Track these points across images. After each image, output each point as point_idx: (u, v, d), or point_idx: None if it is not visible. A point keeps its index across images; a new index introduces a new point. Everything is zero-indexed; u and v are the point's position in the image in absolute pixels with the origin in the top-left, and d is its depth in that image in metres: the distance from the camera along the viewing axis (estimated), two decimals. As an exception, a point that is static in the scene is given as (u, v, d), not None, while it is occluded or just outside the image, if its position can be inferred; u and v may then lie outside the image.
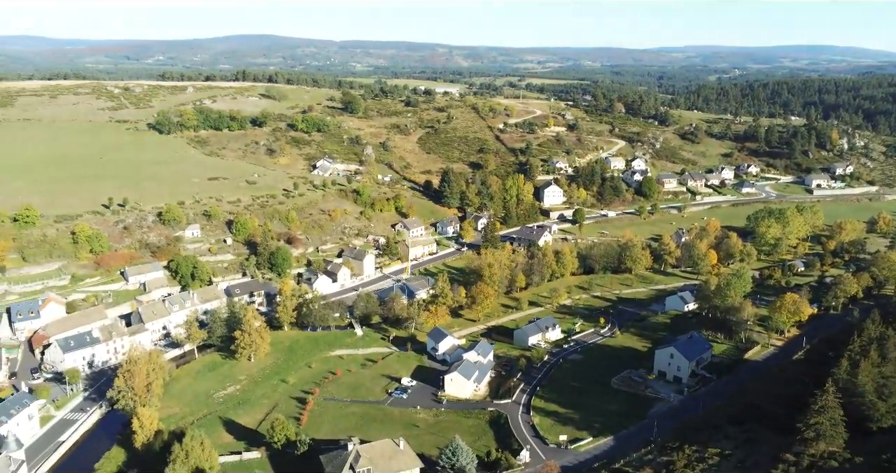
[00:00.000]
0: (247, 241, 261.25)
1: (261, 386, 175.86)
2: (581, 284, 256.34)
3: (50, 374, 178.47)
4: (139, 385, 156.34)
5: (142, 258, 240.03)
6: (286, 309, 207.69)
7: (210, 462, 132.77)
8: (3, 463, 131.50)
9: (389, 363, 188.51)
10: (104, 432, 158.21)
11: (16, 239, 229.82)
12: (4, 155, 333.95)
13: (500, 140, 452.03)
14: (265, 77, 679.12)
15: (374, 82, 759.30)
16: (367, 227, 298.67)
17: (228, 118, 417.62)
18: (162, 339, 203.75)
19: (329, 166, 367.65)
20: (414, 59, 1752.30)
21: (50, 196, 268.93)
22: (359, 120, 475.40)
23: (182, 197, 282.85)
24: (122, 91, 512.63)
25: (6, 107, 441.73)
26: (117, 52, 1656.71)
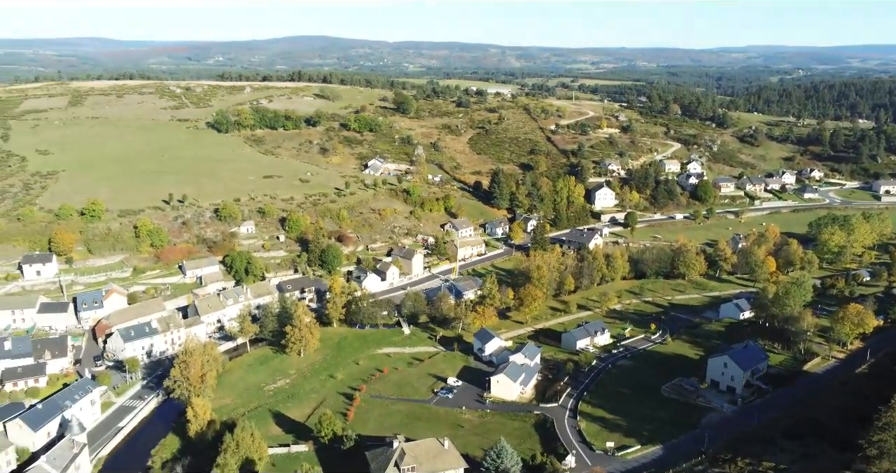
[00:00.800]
0: (299, 238, 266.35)
1: (309, 381, 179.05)
2: (632, 289, 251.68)
3: (111, 362, 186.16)
4: (194, 375, 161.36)
5: (199, 252, 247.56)
6: (336, 306, 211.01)
7: (259, 453, 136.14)
8: (66, 446, 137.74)
9: (436, 362, 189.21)
10: (160, 419, 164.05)
11: (83, 232, 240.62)
12: (75, 151, 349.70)
13: (551, 141, 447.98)
14: (320, 77, 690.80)
15: (426, 83, 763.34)
16: (416, 227, 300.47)
17: (283, 117, 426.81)
18: (216, 332, 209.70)
19: (380, 166, 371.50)
20: (466, 59, 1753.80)
21: (115, 191, 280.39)
22: (410, 120, 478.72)
23: (238, 194, 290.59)
24: (183, 91, 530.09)
25: (77, 106, 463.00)
26: (179, 53, 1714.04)
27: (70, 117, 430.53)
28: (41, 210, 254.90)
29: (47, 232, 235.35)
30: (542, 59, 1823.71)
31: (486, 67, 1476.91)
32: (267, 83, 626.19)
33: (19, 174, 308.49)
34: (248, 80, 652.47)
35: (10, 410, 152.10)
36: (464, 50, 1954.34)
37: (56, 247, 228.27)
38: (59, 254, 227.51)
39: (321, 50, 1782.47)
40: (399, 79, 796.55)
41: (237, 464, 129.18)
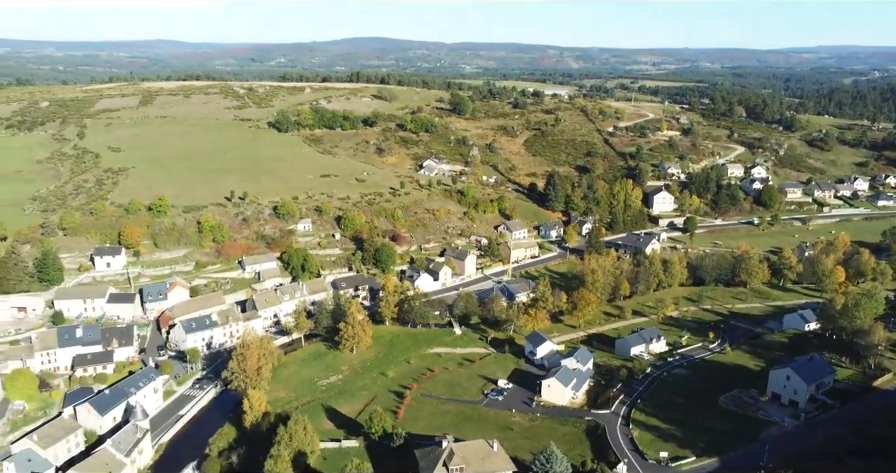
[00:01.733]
0: (354, 237, 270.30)
1: (361, 378, 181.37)
2: (690, 296, 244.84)
3: (173, 352, 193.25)
4: (251, 368, 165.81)
5: (257, 249, 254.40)
6: (388, 305, 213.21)
7: (311, 447, 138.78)
8: (130, 431, 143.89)
9: (487, 364, 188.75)
10: (218, 409, 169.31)
11: (150, 226, 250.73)
12: (144, 149, 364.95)
13: (608, 143, 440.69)
14: (377, 78, 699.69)
15: (482, 84, 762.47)
16: (469, 228, 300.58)
17: (342, 118, 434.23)
18: (272, 326, 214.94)
19: (435, 166, 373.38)
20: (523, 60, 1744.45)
21: (180, 188, 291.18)
22: (466, 121, 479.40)
23: (296, 192, 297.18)
24: (246, 91, 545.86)
25: (147, 106, 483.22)
26: (243, 55, 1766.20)
27: (140, 116, 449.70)
28: (112, 204, 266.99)
29: (117, 225, 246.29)
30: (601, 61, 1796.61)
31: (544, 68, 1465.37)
32: (326, 84, 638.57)
33: (93, 170, 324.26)
34: (309, 81, 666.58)
35: (80, 394, 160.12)
36: (521, 51, 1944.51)
37: (125, 241, 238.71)
38: (128, 247, 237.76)
39: (379, 51, 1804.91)
40: (455, 81, 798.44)
41: (290, 456, 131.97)
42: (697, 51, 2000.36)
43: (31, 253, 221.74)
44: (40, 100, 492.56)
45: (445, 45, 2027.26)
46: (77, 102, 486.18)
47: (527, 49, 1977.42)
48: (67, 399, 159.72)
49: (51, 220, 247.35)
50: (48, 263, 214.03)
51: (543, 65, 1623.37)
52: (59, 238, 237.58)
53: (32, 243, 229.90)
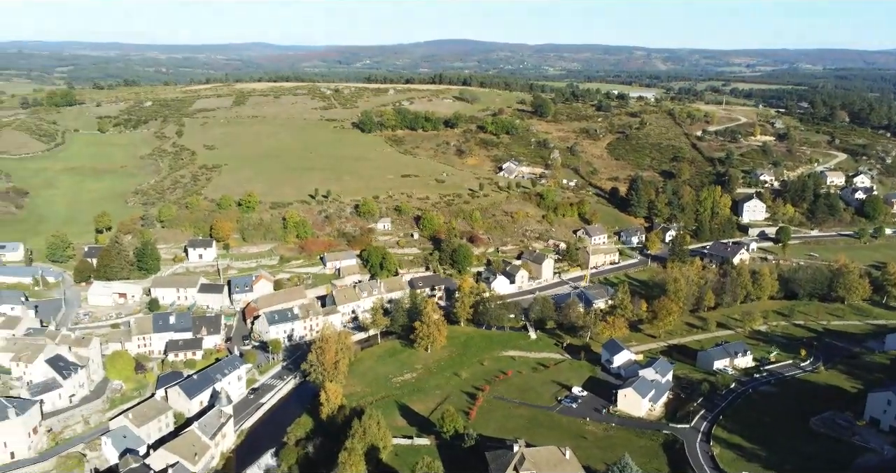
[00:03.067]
0: (432, 237, 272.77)
1: (435, 377, 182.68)
2: (780, 310, 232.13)
3: (257, 342, 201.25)
4: (328, 361, 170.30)
5: (338, 246, 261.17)
6: (464, 306, 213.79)
7: (384, 442, 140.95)
8: (215, 415, 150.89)
9: (561, 370, 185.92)
10: (296, 400, 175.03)
11: (239, 221, 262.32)
12: (236, 147, 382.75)
13: (696, 148, 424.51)
14: (460, 80, 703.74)
15: (565, 86, 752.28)
16: (548, 231, 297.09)
17: (423, 119, 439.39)
18: (350, 322, 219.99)
19: (515, 168, 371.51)
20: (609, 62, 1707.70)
21: (268, 185, 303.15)
22: (548, 123, 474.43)
23: (377, 191, 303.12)
24: (332, 92, 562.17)
25: (240, 106, 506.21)
26: (331, 57, 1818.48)
27: (233, 116, 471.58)
28: (205, 199, 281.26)
29: (209, 219, 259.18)
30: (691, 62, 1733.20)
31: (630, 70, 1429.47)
32: (409, 85, 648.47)
33: (189, 166, 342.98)
34: (392, 83, 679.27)
35: (171, 378, 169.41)
36: (606, 52, 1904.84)
37: (216, 234, 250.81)
38: (218, 240, 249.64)
39: (462, 53, 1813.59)
40: (538, 83, 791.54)
41: (363, 450, 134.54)
42: (797, 51, 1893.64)
43: (131, 243, 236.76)
44: (144, 100, 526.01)
45: (529, 47, 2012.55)
46: (177, 102, 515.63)
47: (613, 50, 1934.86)
48: (160, 381, 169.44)
49: (150, 213, 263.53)
50: (147, 253, 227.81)
51: (629, 66, 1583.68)
52: (157, 230, 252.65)
53: (133, 234, 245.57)
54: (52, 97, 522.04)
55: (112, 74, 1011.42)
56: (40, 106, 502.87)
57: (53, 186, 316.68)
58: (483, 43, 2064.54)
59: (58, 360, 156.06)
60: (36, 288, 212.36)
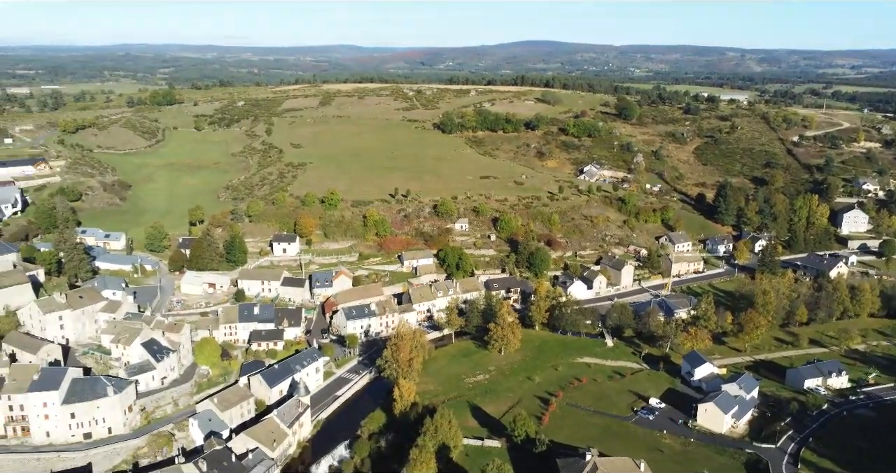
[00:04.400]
0: (509, 239, 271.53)
1: (508, 380, 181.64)
2: (882, 328, 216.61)
3: (335, 336, 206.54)
4: (403, 358, 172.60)
5: (416, 244, 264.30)
6: (539, 309, 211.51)
7: (455, 442, 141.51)
8: (293, 404, 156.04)
9: (638, 379, 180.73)
10: (370, 394, 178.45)
11: (321, 218, 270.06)
12: (321, 146, 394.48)
13: (792, 154, 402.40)
14: (542, 82, 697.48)
15: (651, 88, 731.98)
16: (629, 237, 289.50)
17: (504, 120, 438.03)
18: (425, 321, 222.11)
19: (596, 172, 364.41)
20: (699, 63, 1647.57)
21: (350, 183, 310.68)
22: (632, 126, 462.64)
23: (456, 192, 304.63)
24: (415, 93, 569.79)
25: (326, 106, 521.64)
26: (414, 59, 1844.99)
27: (320, 115, 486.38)
28: (291, 196, 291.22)
29: (294, 215, 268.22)
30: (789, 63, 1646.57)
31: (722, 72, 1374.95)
32: (491, 87, 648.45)
33: (277, 164, 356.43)
34: (474, 84, 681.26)
35: (254, 366, 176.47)
36: (697, 53, 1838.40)
37: (299, 230, 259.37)
38: (302, 236, 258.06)
39: (546, 55, 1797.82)
40: (623, 84, 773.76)
41: (434, 448, 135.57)
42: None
43: (221, 236, 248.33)
44: (237, 100, 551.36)
45: (614, 48, 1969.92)
46: (267, 102, 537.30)
47: (704, 51, 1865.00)
48: (243, 369, 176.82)
49: (239, 208, 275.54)
50: (235, 246, 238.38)
51: (721, 68, 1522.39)
52: (245, 224, 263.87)
53: (223, 227, 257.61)
54: (154, 97, 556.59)
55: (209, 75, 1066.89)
56: (144, 105, 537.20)
57: (153, 180, 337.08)
58: (567, 44, 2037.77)
59: (152, 344, 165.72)
60: (135, 275, 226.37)
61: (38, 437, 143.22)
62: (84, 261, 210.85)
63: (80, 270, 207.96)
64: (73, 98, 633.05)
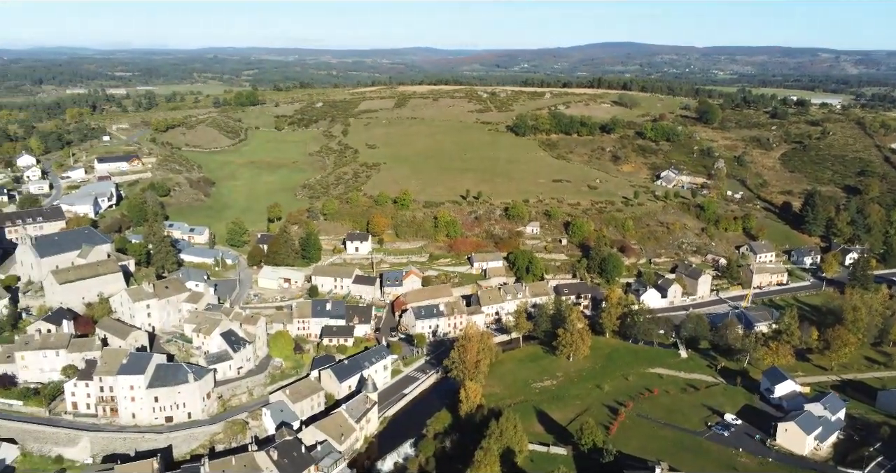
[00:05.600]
0: (580, 244, 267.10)
1: (575, 387, 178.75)
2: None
3: (403, 335, 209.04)
4: (470, 360, 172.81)
5: (486, 247, 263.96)
6: (610, 317, 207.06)
7: (520, 446, 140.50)
8: (361, 400, 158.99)
9: (713, 393, 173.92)
10: (436, 394, 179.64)
11: (393, 217, 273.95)
12: (395, 147, 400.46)
13: (890, 162, 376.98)
14: (619, 84, 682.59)
15: (735, 91, 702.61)
16: (707, 245, 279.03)
17: (579, 123, 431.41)
18: (493, 323, 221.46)
19: (674, 177, 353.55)
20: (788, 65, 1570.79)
21: (422, 184, 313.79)
22: (713, 131, 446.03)
23: (527, 195, 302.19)
24: (489, 95, 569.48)
25: (401, 107, 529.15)
26: (489, 61, 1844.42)
27: (394, 117, 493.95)
28: (364, 196, 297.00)
29: (367, 215, 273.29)
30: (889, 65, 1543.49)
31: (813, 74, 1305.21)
32: (566, 89, 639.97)
33: (352, 164, 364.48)
34: (549, 86, 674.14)
35: (324, 361, 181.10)
36: (786, 55, 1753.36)
37: (372, 229, 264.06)
38: (374, 235, 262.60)
39: (624, 56, 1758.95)
40: (705, 87, 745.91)
41: (499, 451, 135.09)
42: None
43: (297, 233, 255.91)
44: (316, 101, 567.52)
45: (696, 50, 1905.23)
46: (344, 103, 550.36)
47: (793, 52, 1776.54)
48: (314, 363, 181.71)
49: (315, 206, 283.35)
50: (310, 243, 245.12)
51: (813, 70, 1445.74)
52: (320, 222, 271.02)
53: (300, 224, 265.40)
54: (238, 97, 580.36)
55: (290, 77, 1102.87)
56: (228, 105, 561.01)
57: (235, 178, 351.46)
58: (646, 46, 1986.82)
59: (230, 335, 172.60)
60: (216, 268, 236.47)
61: (125, 418, 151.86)
62: (170, 254, 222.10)
63: (167, 262, 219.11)
64: (165, 98, 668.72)
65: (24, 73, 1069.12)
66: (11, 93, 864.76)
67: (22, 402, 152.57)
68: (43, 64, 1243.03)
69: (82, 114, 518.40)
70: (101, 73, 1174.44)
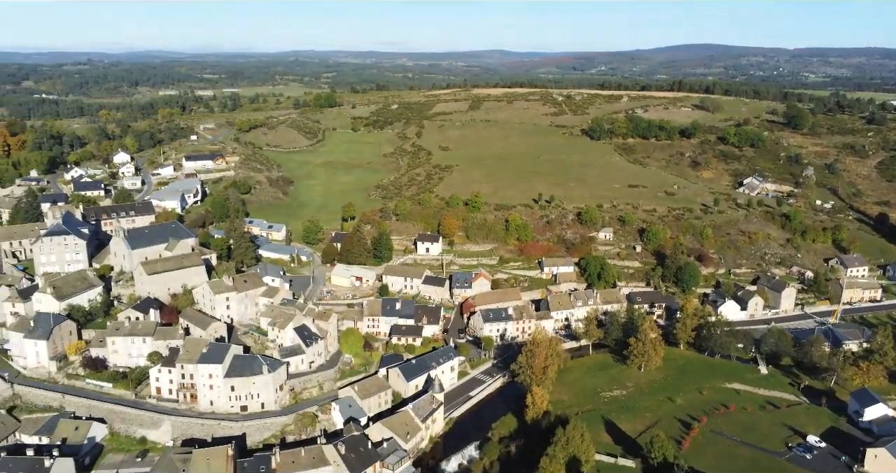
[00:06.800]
0: (655, 252, 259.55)
1: (646, 398, 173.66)
2: None
3: (471, 337, 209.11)
4: (538, 365, 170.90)
5: (557, 251, 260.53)
6: (685, 328, 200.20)
7: (587, 456, 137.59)
8: (428, 400, 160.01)
9: (795, 413, 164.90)
10: (502, 398, 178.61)
11: (464, 219, 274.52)
12: (467, 149, 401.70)
13: None
14: (701, 87, 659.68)
15: (828, 95, 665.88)
16: (792, 257, 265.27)
17: (657, 127, 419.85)
18: (562, 329, 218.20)
19: (757, 185, 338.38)
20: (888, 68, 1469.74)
21: (494, 186, 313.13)
22: (802, 136, 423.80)
23: (601, 200, 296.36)
24: (564, 98, 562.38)
25: (475, 110, 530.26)
26: (566, 63, 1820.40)
27: (468, 119, 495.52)
28: (436, 197, 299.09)
29: (438, 216, 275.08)
30: None
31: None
32: (645, 92, 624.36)
33: (425, 165, 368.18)
34: (627, 90, 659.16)
35: (392, 359, 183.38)
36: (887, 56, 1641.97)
37: (443, 230, 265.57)
38: (444, 236, 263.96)
39: (707, 59, 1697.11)
40: (794, 91, 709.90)
41: (564, 459, 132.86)
42: None
43: (370, 233, 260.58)
44: (391, 103, 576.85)
45: (786, 51, 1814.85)
46: (419, 105, 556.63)
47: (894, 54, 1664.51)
48: (383, 361, 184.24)
49: (388, 206, 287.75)
50: (382, 243, 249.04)
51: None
52: (392, 222, 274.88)
53: (372, 224, 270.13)
54: (317, 99, 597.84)
55: (367, 79, 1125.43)
56: (308, 107, 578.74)
57: (312, 177, 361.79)
58: (731, 47, 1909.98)
59: (303, 330, 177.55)
60: (292, 264, 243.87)
61: (203, 404, 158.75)
62: (250, 249, 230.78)
63: (246, 257, 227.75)
64: (249, 100, 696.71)
65: (122, 75, 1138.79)
66: (110, 95, 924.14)
67: (111, 384, 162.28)
68: (139, 67, 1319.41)
69: (173, 114, 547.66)
70: (190, 75, 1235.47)
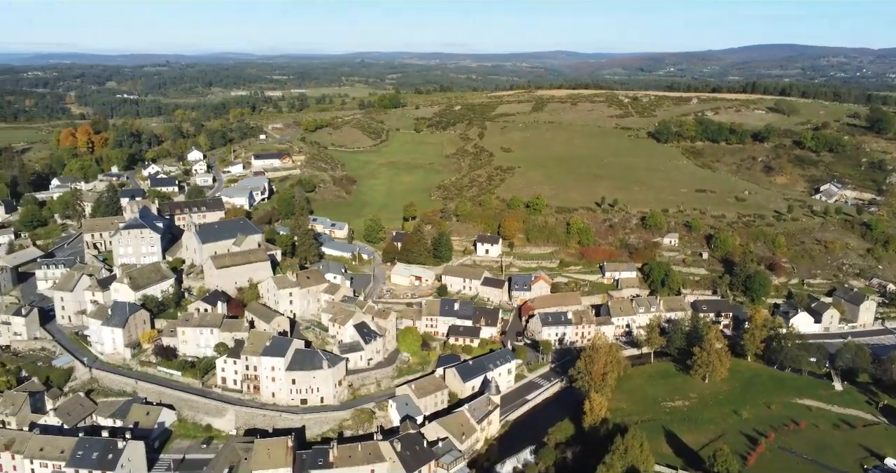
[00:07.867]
0: (723, 259, 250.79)
1: (710, 410, 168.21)
2: None
3: (529, 341, 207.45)
4: (596, 371, 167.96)
5: (619, 256, 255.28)
6: (753, 339, 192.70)
7: (645, 466, 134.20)
8: (484, 401, 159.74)
9: (872, 433, 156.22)
10: (559, 403, 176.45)
11: (525, 222, 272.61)
12: (530, 151, 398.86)
13: None
14: (776, 89, 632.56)
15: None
16: (872, 268, 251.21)
17: (728, 130, 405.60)
18: (623, 336, 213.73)
19: (836, 191, 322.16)
20: None
21: (555, 189, 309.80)
22: (887, 141, 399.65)
23: (666, 204, 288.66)
24: (630, 100, 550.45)
25: (538, 112, 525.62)
26: (633, 64, 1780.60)
27: (531, 121, 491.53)
28: (497, 199, 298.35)
29: (499, 218, 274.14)
30: None
31: None
32: (715, 94, 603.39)
33: (486, 167, 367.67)
34: (696, 91, 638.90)
35: (449, 359, 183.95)
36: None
37: (503, 232, 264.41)
38: (504, 238, 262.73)
39: (783, 60, 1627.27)
40: (879, 93, 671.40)
41: (622, 469, 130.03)
42: None
43: (430, 233, 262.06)
44: (454, 104, 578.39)
45: (871, 52, 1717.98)
46: (482, 107, 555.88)
47: None
48: (440, 361, 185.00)
49: (448, 207, 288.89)
50: (442, 243, 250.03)
51: None
52: (452, 222, 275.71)
53: (433, 224, 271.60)
54: (382, 100, 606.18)
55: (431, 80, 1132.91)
56: (372, 107, 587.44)
57: (375, 177, 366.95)
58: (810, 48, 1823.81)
59: (363, 327, 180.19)
60: (353, 262, 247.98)
61: (266, 396, 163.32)
62: (313, 246, 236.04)
63: (310, 254, 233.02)
64: (315, 100, 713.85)
65: (197, 76, 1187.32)
66: (186, 95, 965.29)
67: (181, 373, 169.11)
68: (212, 68, 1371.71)
69: (243, 114, 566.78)
70: (261, 76, 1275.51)
